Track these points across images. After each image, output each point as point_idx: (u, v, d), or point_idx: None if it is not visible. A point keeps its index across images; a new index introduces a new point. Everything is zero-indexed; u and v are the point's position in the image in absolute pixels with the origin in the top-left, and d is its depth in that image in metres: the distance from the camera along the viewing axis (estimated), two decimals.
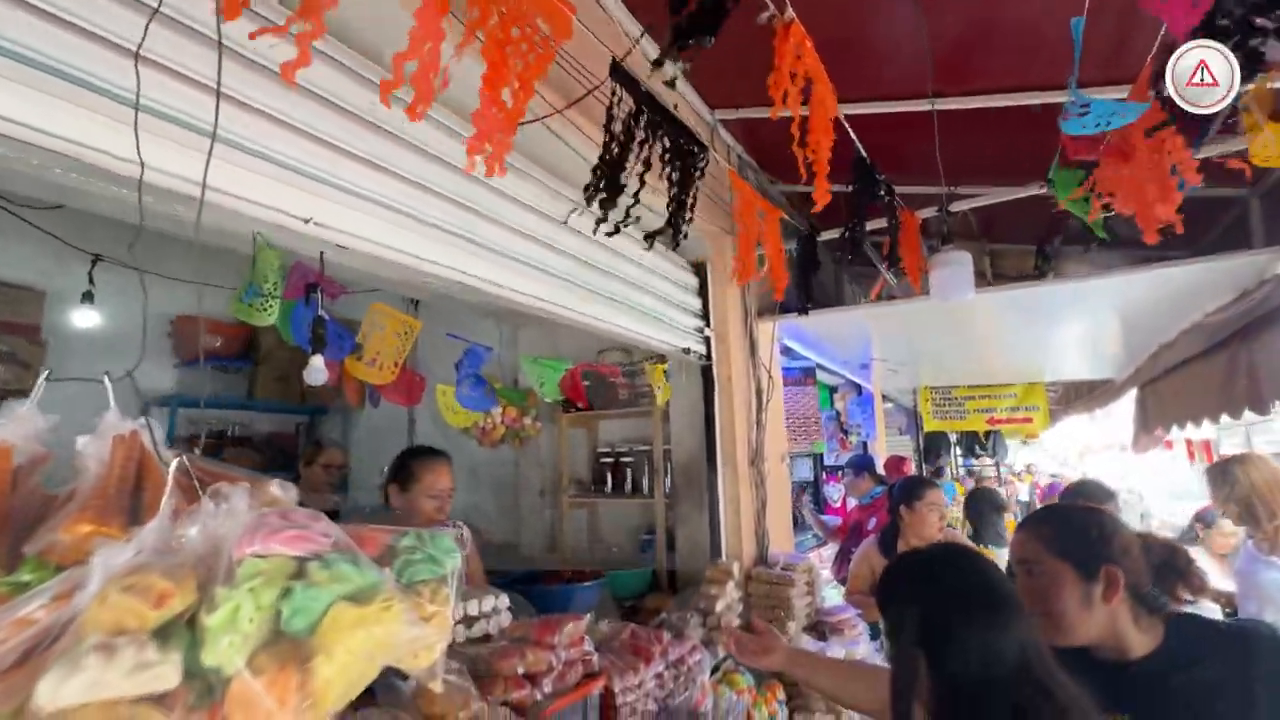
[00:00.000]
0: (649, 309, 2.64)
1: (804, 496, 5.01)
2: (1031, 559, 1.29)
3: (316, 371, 2.24)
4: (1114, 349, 4.61)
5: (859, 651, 2.85)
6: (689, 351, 2.96)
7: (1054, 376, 6.55)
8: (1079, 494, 3.00)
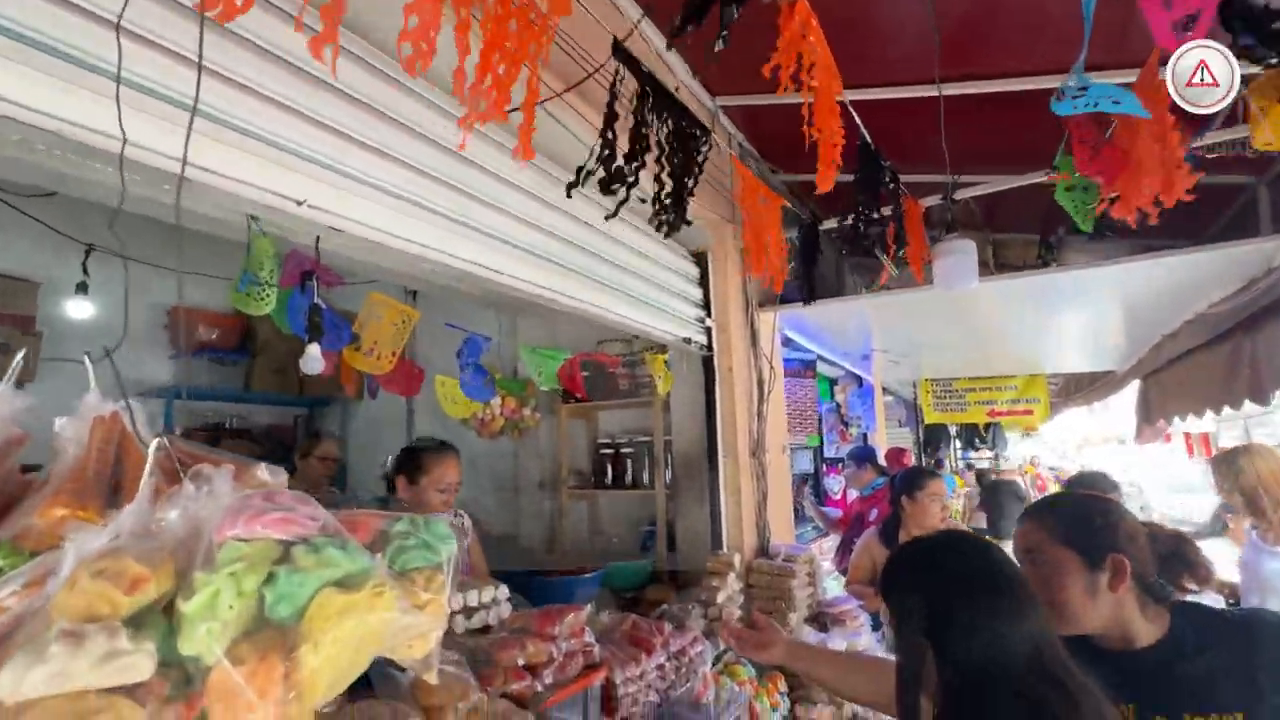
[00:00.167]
0: (649, 298, 2.61)
1: (805, 488, 5.00)
2: (1036, 548, 1.26)
3: (313, 360, 2.21)
4: (1116, 340, 4.58)
5: (861, 643, 2.84)
6: (690, 341, 2.93)
7: (1055, 368, 6.53)
8: (1082, 485, 2.98)
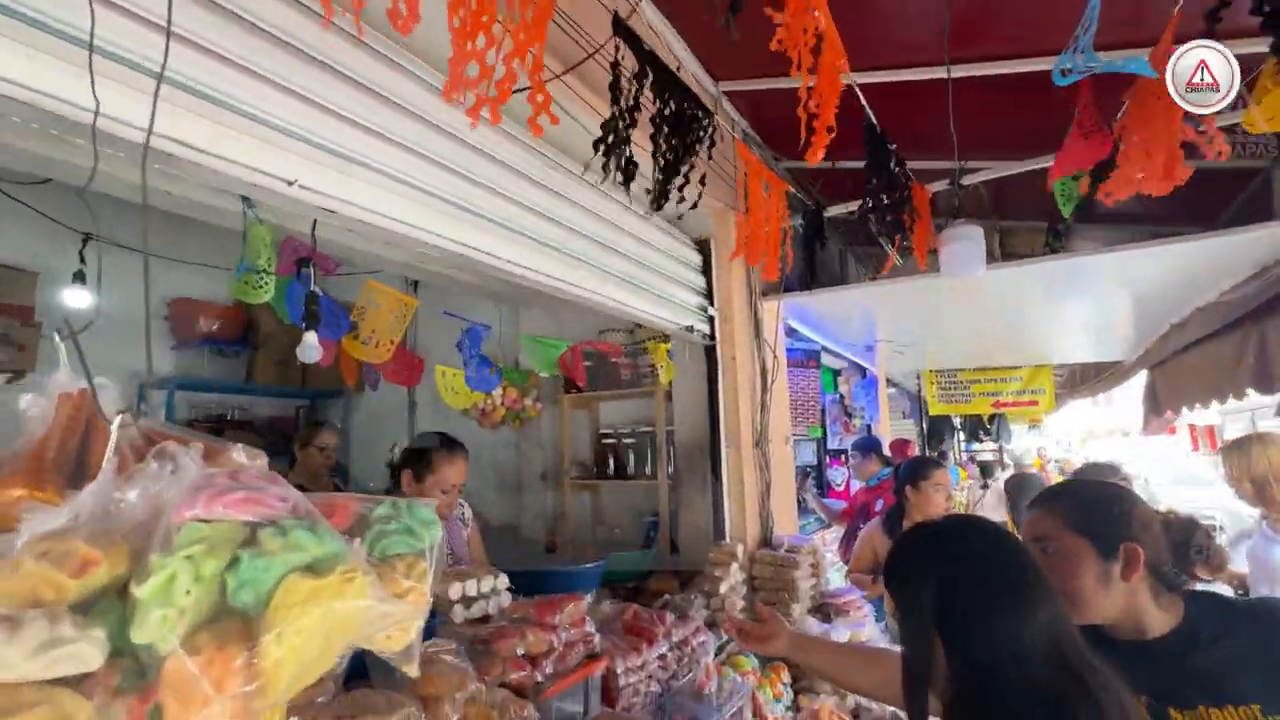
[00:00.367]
0: (651, 285, 2.57)
1: (807, 482, 4.97)
2: (1047, 535, 1.23)
3: (310, 349, 2.19)
4: (1124, 330, 4.53)
5: (864, 633, 2.82)
6: (692, 330, 2.90)
7: (1061, 359, 6.47)
8: (1091, 475, 2.95)
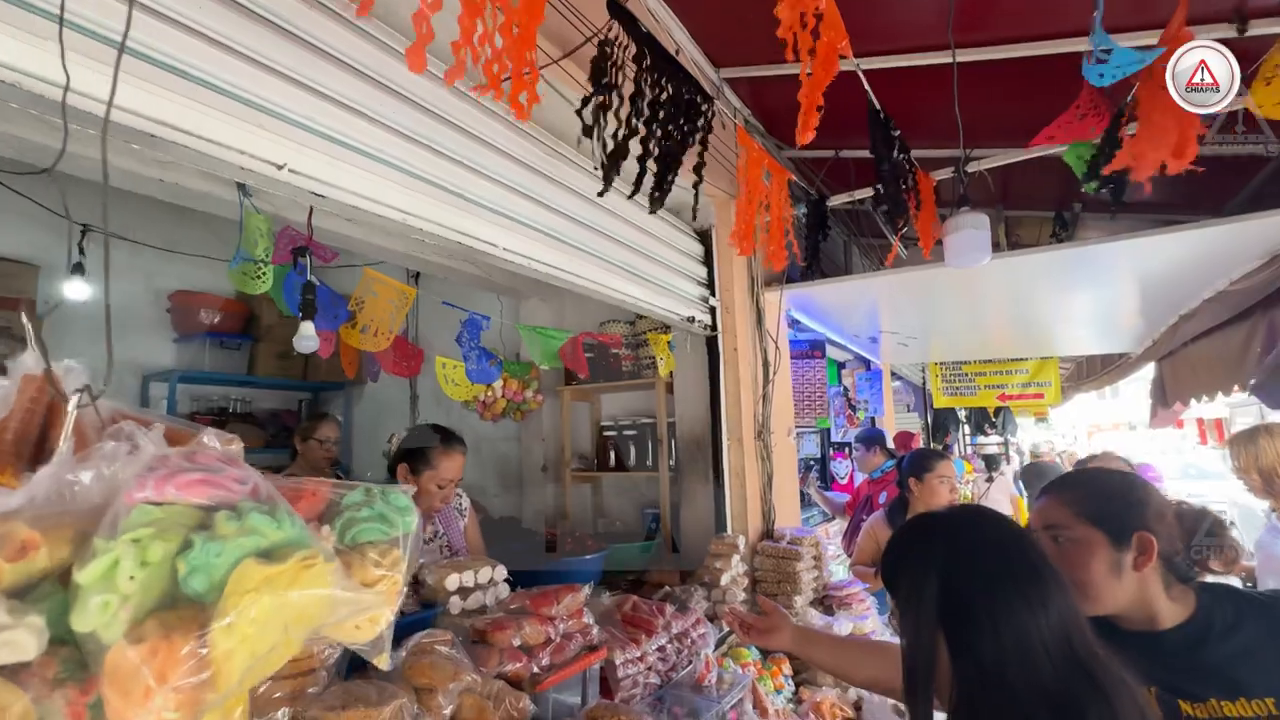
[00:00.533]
0: (652, 275, 2.55)
1: (810, 474, 4.94)
2: (1058, 524, 1.20)
3: (306, 339, 2.18)
4: (1132, 321, 4.47)
5: (867, 626, 2.80)
6: (694, 321, 2.87)
7: (1068, 351, 6.41)
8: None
